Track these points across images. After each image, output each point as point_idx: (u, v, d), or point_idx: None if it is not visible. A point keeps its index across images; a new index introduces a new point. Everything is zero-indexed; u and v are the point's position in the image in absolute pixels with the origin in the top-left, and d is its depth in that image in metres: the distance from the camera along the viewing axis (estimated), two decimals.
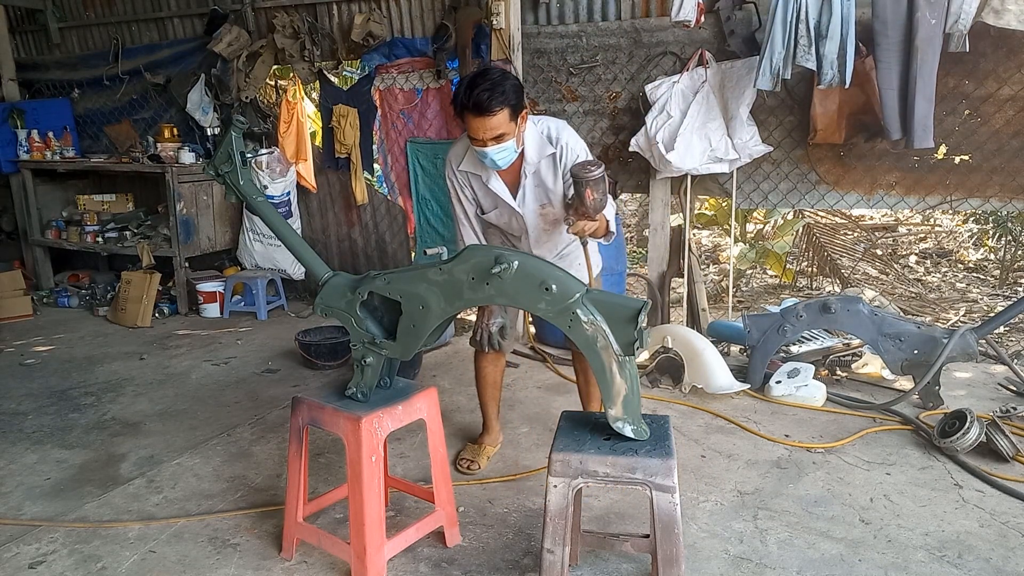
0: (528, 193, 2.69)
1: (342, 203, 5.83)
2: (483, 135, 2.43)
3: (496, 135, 2.43)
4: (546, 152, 2.62)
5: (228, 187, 2.36)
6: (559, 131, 2.64)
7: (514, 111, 2.43)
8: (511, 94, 2.40)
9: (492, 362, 3.06)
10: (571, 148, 2.62)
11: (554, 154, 2.62)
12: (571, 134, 2.66)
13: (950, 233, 8.23)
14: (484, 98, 2.35)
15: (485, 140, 2.44)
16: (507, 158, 2.54)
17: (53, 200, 6.47)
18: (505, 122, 2.42)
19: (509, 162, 2.57)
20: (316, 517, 2.62)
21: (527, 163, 2.63)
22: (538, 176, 2.67)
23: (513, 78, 2.48)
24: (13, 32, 6.71)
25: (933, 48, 3.63)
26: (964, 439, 2.95)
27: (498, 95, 2.36)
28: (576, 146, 2.64)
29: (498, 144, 2.46)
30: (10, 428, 3.55)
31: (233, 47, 5.62)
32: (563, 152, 2.61)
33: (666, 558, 1.91)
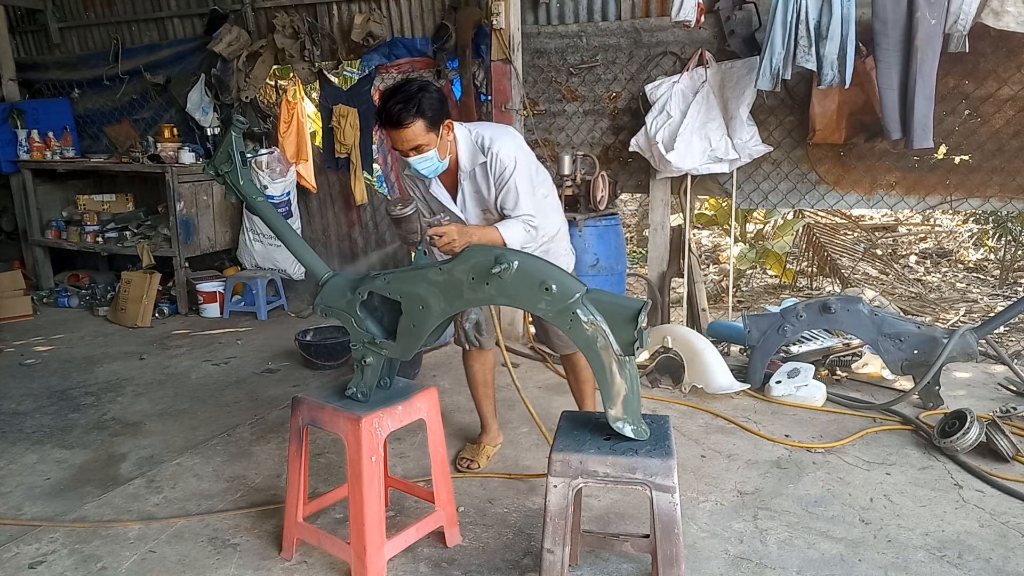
0: (468, 199, 2.72)
1: (342, 203, 5.83)
2: (401, 146, 2.48)
3: (413, 146, 2.46)
4: (478, 161, 2.63)
5: (228, 187, 2.36)
6: (492, 140, 2.62)
7: (431, 123, 2.45)
8: (426, 106, 2.41)
9: (478, 360, 3.07)
10: (500, 159, 2.59)
11: (485, 163, 2.62)
12: (506, 143, 2.62)
13: (950, 233, 8.23)
14: (396, 111, 2.40)
15: (405, 151, 2.49)
16: (430, 167, 2.56)
17: (53, 200, 6.47)
18: (421, 133, 2.44)
19: (433, 171, 2.59)
20: (316, 517, 2.62)
21: (461, 170, 2.66)
22: (474, 183, 2.68)
23: (434, 90, 2.48)
24: (13, 32, 6.71)
25: (933, 48, 3.63)
26: (964, 439, 2.95)
27: (410, 108, 2.39)
28: (507, 156, 2.59)
29: (418, 154, 2.49)
30: (10, 428, 3.55)
31: (233, 47, 5.63)
32: (493, 160, 2.60)
33: (666, 558, 1.91)
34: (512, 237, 2.60)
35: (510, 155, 2.61)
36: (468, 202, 2.73)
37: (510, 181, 2.60)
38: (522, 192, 2.62)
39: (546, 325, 2.98)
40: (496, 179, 2.62)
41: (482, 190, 2.69)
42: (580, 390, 3.13)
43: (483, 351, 3.06)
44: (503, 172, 2.60)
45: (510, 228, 2.61)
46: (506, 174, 2.60)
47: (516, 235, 2.61)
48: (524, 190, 2.63)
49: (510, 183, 2.61)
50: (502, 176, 2.61)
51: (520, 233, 2.62)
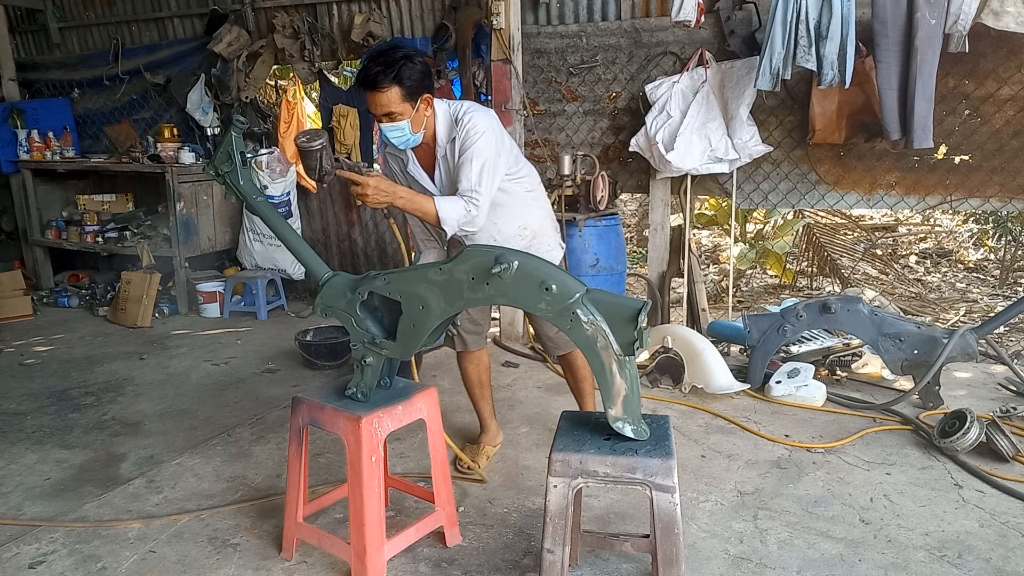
0: (443, 177, 2.65)
1: (342, 203, 5.83)
2: (374, 110, 2.46)
3: (386, 112, 2.43)
4: (452, 135, 2.58)
5: (228, 187, 2.36)
6: (466, 112, 2.56)
7: (409, 93, 2.42)
8: (405, 75, 2.39)
9: (471, 362, 3.05)
10: (467, 129, 2.52)
11: (456, 138, 2.56)
12: (480, 117, 2.55)
13: (950, 233, 8.23)
14: (374, 73, 2.38)
15: (377, 115, 2.47)
16: (400, 138, 2.51)
17: (53, 200, 6.47)
18: (396, 101, 2.41)
19: (404, 143, 2.55)
20: (316, 517, 2.62)
21: (439, 147, 2.61)
22: (447, 161, 2.62)
23: (418, 61, 2.45)
24: (13, 32, 6.71)
25: (933, 48, 3.63)
26: (964, 439, 2.95)
27: (389, 74, 2.37)
28: (475, 127, 2.51)
29: (390, 122, 2.46)
30: (10, 428, 3.55)
31: (233, 47, 5.63)
32: (461, 131, 2.53)
33: (666, 558, 1.91)
34: (448, 212, 2.49)
35: (478, 128, 2.53)
36: (444, 180, 2.66)
37: (469, 152, 2.51)
38: (476, 166, 2.51)
39: (538, 326, 2.95)
40: (460, 150, 2.54)
41: (453, 166, 2.61)
42: (579, 388, 3.11)
43: (474, 352, 3.04)
44: (465, 141, 2.52)
45: (448, 202, 2.50)
46: (468, 143, 2.52)
47: (454, 211, 2.49)
48: (479, 167, 2.51)
49: (469, 153, 2.52)
50: (463, 145, 2.53)
51: (458, 210, 2.50)
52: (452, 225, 2.53)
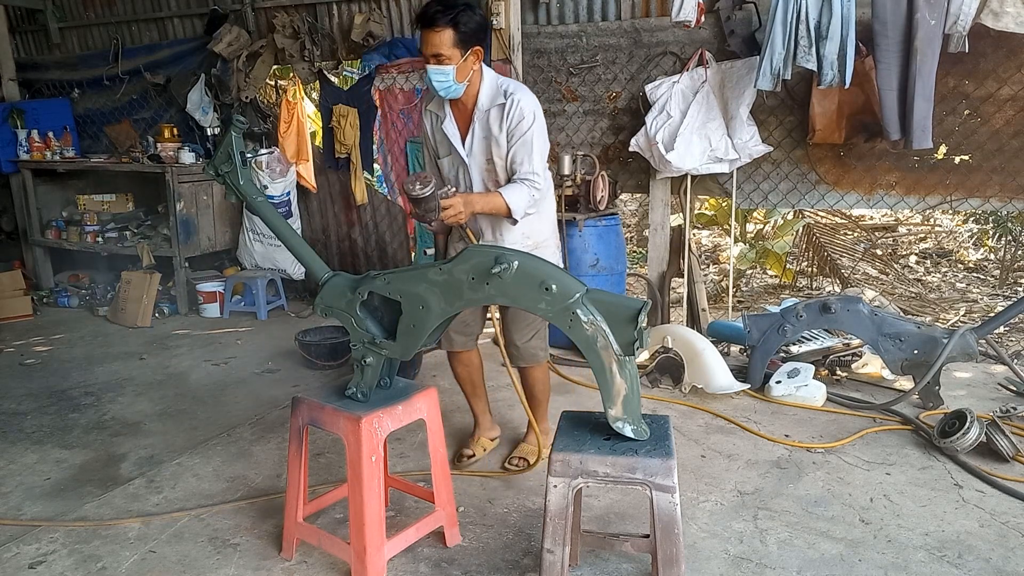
0: (476, 143, 2.68)
1: (342, 203, 5.83)
2: (426, 49, 2.49)
3: (436, 53, 2.47)
4: (497, 101, 2.62)
5: (228, 187, 2.36)
6: (516, 89, 2.63)
7: (462, 39, 2.47)
8: (462, 21, 2.45)
9: (460, 362, 3.05)
10: (521, 108, 2.58)
11: (503, 105, 2.61)
12: (528, 96, 2.63)
13: (950, 233, 8.23)
14: (432, 11, 2.45)
15: (427, 56, 2.50)
16: (444, 83, 2.54)
17: (53, 200, 6.47)
18: (447, 44, 2.46)
19: (446, 89, 2.57)
20: (316, 517, 2.62)
21: (478, 108, 2.64)
22: (486, 126, 2.65)
23: (478, 13, 2.53)
24: (13, 32, 6.71)
25: (932, 49, 3.63)
26: (964, 439, 2.95)
27: (446, 14, 2.43)
28: (528, 108, 2.59)
29: (438, 65, 2.49)
30: (10, 428, 3.55)
31: (233, 47, 5.63)
32: (512, 105, 2.59)
33: (666, 558, 1.91)
34: (516, 202, 2.57)
35: (530, 108, 2.60)
36: (476, 146, 2.69)
37: (528, 133, 2.58)
38: (536, 149, 2.60)
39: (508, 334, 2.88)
40: (512, 127, 2.59)
41: (493, 134, 2.64)
42: (531, 403, 2.96)
43: (462, 353, 3.02)
44: (521, 122, 2.58)
45: (514, 192, 2.58)
46: (524, 124, 2.58)
47: (521, 199, 2.58)
48: (538, 147, 2.62)
49: (528, 135, 2.58)
50: (520, 126, 2.58)
51: (525, 197, 2.59)
52: (520, 212, 2.60)
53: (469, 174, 2.74)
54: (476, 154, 2.70)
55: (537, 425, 2.87)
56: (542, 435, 3.02)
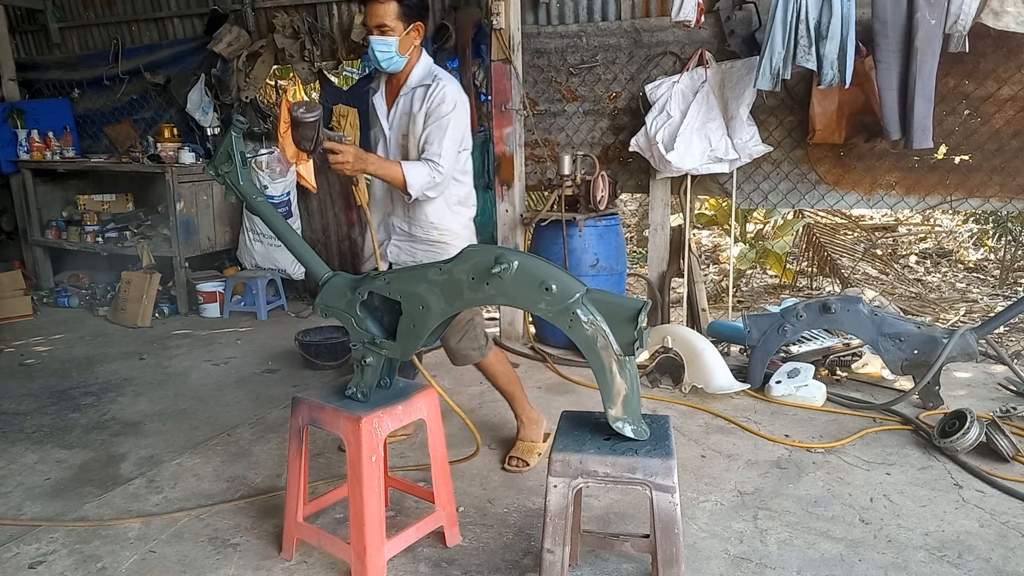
0: (397, 117, 2.80)
1: (342, 203, 5.83)
2: (370, 20, 2.61)
3: (380, 24, 2.60)
4: (424, 81, 2.74)
5: (228, 187, 2.36)
6: (445, 77, 2.74)
7: (404, 13, 2.62)
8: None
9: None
10: (444, 93, 2.68)
11: (428, 86, 2.71)
12: (455, 86, 2.73)
13: (950, 233, 8.23)
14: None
15: (371, 27, 2.62)
16: (387, 55, 2.66)
17: (53, 200, 6.47)
18: (391, 16, 2.59)
19: (388, 61, 2.68)
20: (316, 517, 2.62)
21: (407, 85, 2.77)
22: (410, 103, 2.76)
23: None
24: (13, 32, 6.71)
25: (933, 48, 3.63)
26: (964, 439, 2.95)
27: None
28: (451, 96, 2.67)
29: (382, 36, 2.62)
30: (10, 428, 3.55)
31: (233, 47, 5.63)
32: (437, 88, 2.69)
33: (666, 558, 1.91)
34: (415, 176, 2.63)
35: (453, 97, 2.70)
36: (397, 120, 2.81)
37: (444, 119, 2.66)
38: (448, 136, 2.66)
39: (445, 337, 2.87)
40: (432, 108, 2.68)
41: (413, 111, 2.74)
42: (503, 392, 3.10)
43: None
44: (441, 105, 2.67)
45: (414, 167, 2.65)
46: (443, 109, 2.66)
47: (419, 176, 2.64)
48: (451, 135, 2.67)
49: (443, 120, 2.66)
50: (439, 109, 2.67)
51: (424, 175, 2.65)
52: (417, 189, 2.66)
53: (388, 147, 2.87)
54: (395, 128, 2.82)
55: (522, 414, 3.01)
56: (529, 424, 3.11)
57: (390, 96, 2.86)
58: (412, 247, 2.90)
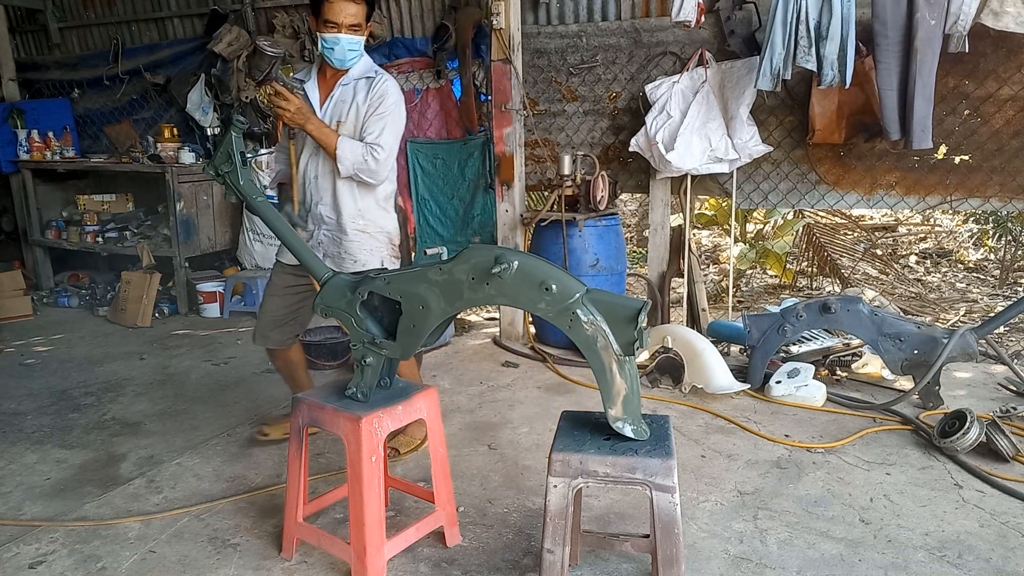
0: (332, 107, 2.85)
1: None
2: (342, 19, 2.68)
3: (355, 23, 2.70)
4: (367, 74, 2.84)
5: (228, 187, 2.36)
6: (384, 74, 2.86)
7: (368, 13, 2.74)
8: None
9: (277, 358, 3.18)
10: (388, 89, 2.79)
11: (372, 79, 2.82)
12: (396, 84, 2.86)
13: (950, 233, 8.23)
14: None
15: (343, 26, 2.69)
16: (355, 54, 2.78)
17: (53, 200, 6.48)
18: (362, 15, 2.72)
19: (353, 60, 2.80)
20: (316, 517, 2.62)
21: (347, 77, 2.84)
22: (350, 93, 2.83)
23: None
24: (13, 32, 6.71)
25: (932, 49, 3.63)
26: (964, 439, 2.95)
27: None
28: (393, 91, 2.80)
29: (353, 35, 2.71)
30: (10, 428, 3.55)
31: (233, 47, 5.62)
32: (381, 82, 2.80)
33: (666, 558, 1.91)
34: (349, 151, 2.72)
35: (396, 94, 2.82)
36: (331, 108, 2.85)
37: (386, 113, 2.77)
38: (389, 130, 2.77)
39: None
40: (375, 100, 2.78)
41: (356, 101, 2.81)
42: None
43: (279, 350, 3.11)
44: (385, 99, 2.78)
45: (353, 143, 2.74)
46: (386, 103, 2.77)
47: (354, 153, 2.73)
48: (392, 130, 2.78)
49: (385, 114, 2.77)
50: (383, 103, 2.77)
51: (358, 154, 2.73)
52: (347, 166, 2.74)
53: None
54: (328, 117, 2.85)
55: None
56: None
57: (324, 86, 2.90)
58: (339, 236, 2.92)
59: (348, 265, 2.88)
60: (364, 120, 2.79)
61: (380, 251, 2.97)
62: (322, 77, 2.92)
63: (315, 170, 2.91)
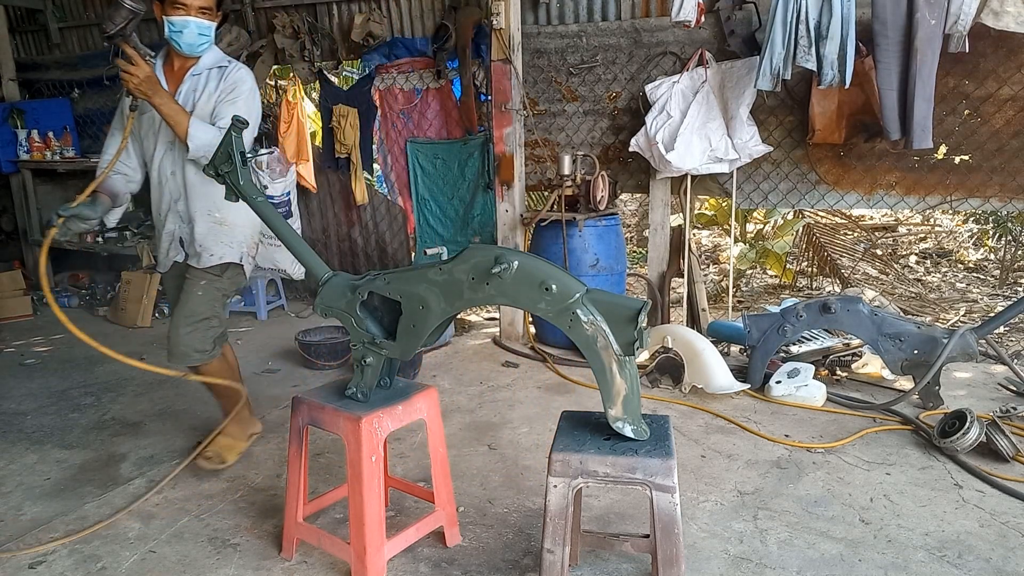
0: (182, 96, 2.72)
1: (342, 203, 5.83)
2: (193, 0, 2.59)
3: (206, 6, 2.63)
4: (218, 63, 2.76)
5: (228, 187, 2.36)
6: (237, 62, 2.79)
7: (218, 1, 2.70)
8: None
9: None
10: (242, 76, 2.73)
11: (224, 68, 2.74)
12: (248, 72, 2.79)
13: (950, 233, 8.23)
14: None
15: (192, 6, 2.60)
16: (205, 40, 2.68)
17: (53, 200, 6.47)
18: (211, 1, 2.65)
19: (202, 47, 2.70)
20: (316, 517, 2.62)
21: (198, 66, 2.74)
22: (201, 83, 2.73)
23: None
24: (13, 32, 6.71)
25: (933, 49, 3.63)
26: (964, 439, 2.95)
27: None
28: (247, 80, 2.73)
29: (202, 18, 2.64)
30: (10, 428, 3.55)
31: (233, 47, 5.62)
32: (235, 70, 2.73)
33: (666, 558, 1.91)
34: (200, 132, 2.58)
35: (250, 83, 2.75)
36: (182, 99, 2.71)
37: (239, 99, 2.69)
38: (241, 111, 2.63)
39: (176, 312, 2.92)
40: (228, 87, 2.70)
41: (208, 90, 2.71)
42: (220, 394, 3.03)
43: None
44: (238, 86, 2.70)
45: (204, 125, 2.61)
46: (239, 89, 2.70)
47: (206, 134, 2.59)
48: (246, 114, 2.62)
49: (238, 100, 2.68)
50: (236, 89, 2.70)
51: (210, 135, 2.58)
52: (197, 144, 2.58)
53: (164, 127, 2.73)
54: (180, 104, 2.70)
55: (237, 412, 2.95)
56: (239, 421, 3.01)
57: (172, 79, 2.76)
58: (193, 231, 2.81)
59: (205, 259, 2.80)
60: (216, 106, 2.68)
61: (239, 245, 2.87)
62: (169, 69, 2.77)
63: (171, 165, 2.78)
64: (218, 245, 2.82)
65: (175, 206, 2.83)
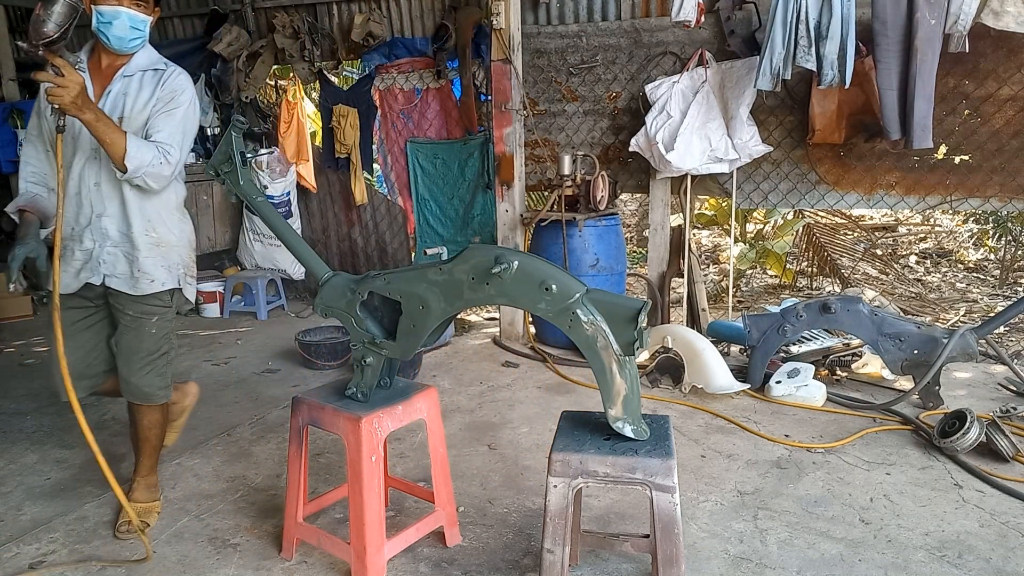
0: (111, 99, 2.41)
1: (342, 203, 5.83)
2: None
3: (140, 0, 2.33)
4: (155, 66, 2.46)
5: (228, 187, 2.36)
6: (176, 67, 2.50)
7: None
8: None
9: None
10: (181, 81, 2.45)
11: (162, 72, 2.45)
12: (188, 79, 2.50)
13: (950, 233, 8.23)
14: None
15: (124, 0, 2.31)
16: (138, 35, 2.37)
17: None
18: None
19: (134, 44, 2.39)
20: (316, 517, 2.62)
21: (129, 67, 2.43)
22: (135, 86, 2.42)
23: None
24: (13, 32, 6.71)
25: (933, 49, 3.63)
26: (964, 439, 2.95)
27: None
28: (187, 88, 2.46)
29: (137, 12, 2.33)
30: (10, 428, 3.55)
31: (233, 47, 5.63)
32: (174, 76, 2.45)
33: (666, 558, 1.91)
34: (138, 151, 2.29)
35: (190, 92, 2.48)
36: (110, 101, 2.40)
37: (178, 110, 2.41)
38: (181, 130, 2.42)
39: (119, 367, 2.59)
40: (166, 95, 2.42)
41: (135, 95, 2.41)
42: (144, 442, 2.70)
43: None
44: (176, 95, 2.42)
45: (142, 143, 2.32)
46: (179, 99, 2.42)
47: (144, 153, 2.30)
48: (185, 130, 2.45)
49: (177, 111, 2.41)
50: (175, 99, 2.42)
51: (149, 155, 2.31)
52: (135, 166, 2.29)
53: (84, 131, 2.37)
54: (108, 109, 2.39)
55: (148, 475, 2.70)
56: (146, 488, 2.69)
57: (99, 78, 2.44)
58: (131, 253, 2.48)
59: (144, 285, 2.49)
60: (152, 117, 2.40)
61: (177, 267, 2.59)
62: (95, 67, 2.44)
63: (95, 176, 2.43)
64: (158, 270, 2.52)
65: (97, 222, 2.45)
